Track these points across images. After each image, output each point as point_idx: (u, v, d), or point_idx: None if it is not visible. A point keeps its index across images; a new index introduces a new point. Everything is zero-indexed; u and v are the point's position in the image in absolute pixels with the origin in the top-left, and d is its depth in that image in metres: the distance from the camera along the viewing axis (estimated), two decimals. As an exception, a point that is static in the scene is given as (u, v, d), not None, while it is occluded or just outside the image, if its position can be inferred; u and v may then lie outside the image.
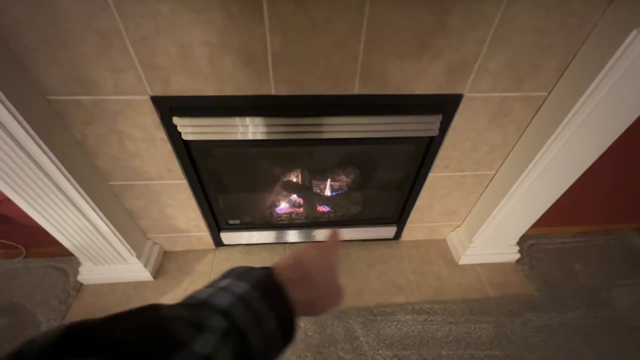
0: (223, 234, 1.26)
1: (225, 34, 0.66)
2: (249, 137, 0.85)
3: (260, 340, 0.24)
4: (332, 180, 1.22)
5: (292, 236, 1.30)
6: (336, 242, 0.38)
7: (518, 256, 1.32)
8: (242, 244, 1.33)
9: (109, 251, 1.08)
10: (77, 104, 0.76)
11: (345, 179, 1.20)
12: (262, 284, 0.27)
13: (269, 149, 0.96)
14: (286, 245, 1.35)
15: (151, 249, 1.23)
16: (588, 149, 0.87)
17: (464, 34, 0.70)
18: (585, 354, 1.06)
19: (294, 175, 1.20)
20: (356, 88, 0.78)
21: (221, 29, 0.65)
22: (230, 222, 1.24)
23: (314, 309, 0.32)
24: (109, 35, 0.65)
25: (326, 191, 1.25)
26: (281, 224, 1.28)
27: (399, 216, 1.28)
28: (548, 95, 0.84)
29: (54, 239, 0.99)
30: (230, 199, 1.16)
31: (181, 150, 0.90)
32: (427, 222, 1.30)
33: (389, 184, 1.16)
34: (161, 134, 0.85)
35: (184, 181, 0.99)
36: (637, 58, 0.65)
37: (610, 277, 1.31)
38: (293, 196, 1.26)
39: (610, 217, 1.45)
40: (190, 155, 0.93)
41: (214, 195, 1.09)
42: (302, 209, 1.27)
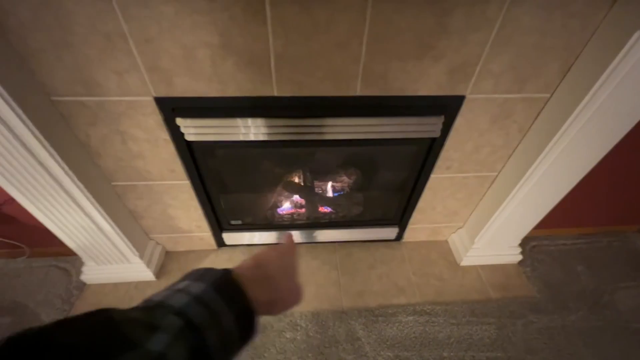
0: (225, 234, 1.26)
1: (228, 36, 0.67)
2: (251, 137, 0.85)
3: (218, 339, 0.24)
4: (334, 181, 1.22)
5: (294, 237, 1.30)
6: (292, 244, 0.40)
7: (520, 258, 1.31)
8: (244, 245, 1.33)
9: (111, 251, 1.08)
10: (81, 105, 0.77)
11: (347, 179, 1.20)
12: (219, 283, 0.28)
13: (271, 149, 0.97)
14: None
15: (153, 249, 1.23)
16: (591, 151, 0.87)
17: (466, 35, 0.70)
18: (587, 357, 1.06)
19: (295, 176, 1.20)
20: (358, 89, 0.78)
21: (224, 30, 0.66)
22: (232, 222, 1.24)
23: (274, 307, 0.32)
24: (113, 37, 0.65)
25: (328, 192, 1.25)
26: (283, 225, 1.29)
27: (400, 217, 1.28)
28: (550, 96, 0.84)
29: (57, 238, 1.00)
30: (232, 199, 1.17)
31: (184, 151, 0.91)
32: (429, 223, 1.30)
33: (390, 185, 1.16)
34: (164, 135, 0.85)
35: (187, 182, 1.00)
36: (640, 60, 0.65)
37: (613, 279, 1.30)
38: (295, 197, 1.26)
39: (613, 218, 1.44)
40: (193, 156, 0.93)
41: (216, 195, 1.09)
42: (303, 210, 1.28)
